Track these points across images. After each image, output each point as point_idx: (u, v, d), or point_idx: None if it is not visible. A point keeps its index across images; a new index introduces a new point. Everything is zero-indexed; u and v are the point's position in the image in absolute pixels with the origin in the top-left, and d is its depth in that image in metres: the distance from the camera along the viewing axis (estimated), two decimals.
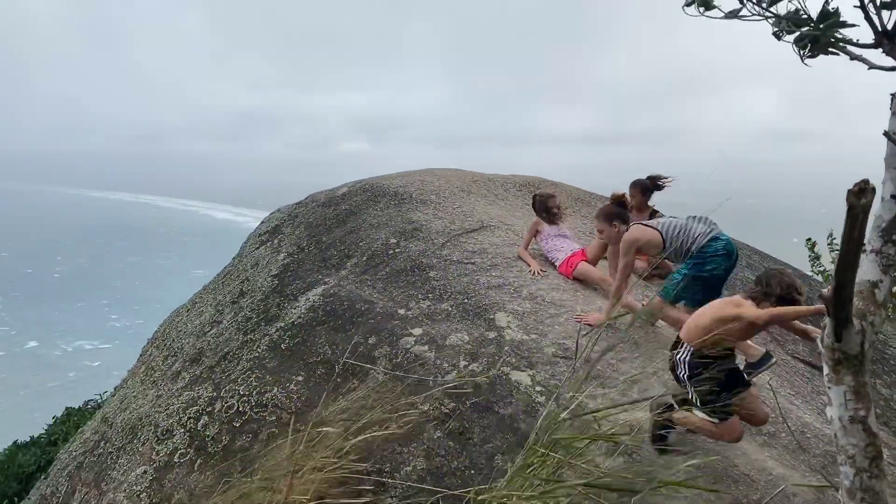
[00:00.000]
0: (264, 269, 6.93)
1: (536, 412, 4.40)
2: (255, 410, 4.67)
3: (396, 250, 6.50)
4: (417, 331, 5.19)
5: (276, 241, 7.57)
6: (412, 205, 7.52)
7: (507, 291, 5.68)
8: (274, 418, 4.58)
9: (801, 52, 1.93)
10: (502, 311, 5.35)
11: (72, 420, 14.65)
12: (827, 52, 1.90)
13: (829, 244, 10.32)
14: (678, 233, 4.95)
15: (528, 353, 4.85)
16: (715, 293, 4.84)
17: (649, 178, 6.88)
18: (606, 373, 4.81)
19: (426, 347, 4.98)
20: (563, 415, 3.75)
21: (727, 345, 3.82)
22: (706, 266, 4.80)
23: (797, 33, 1.91)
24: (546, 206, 6.66)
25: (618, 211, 5.49)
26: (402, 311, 5.49)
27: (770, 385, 4.64)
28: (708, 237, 4.85)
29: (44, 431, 14.73)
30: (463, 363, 4.78)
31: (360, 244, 6.81)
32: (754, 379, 4.75)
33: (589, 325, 5.30)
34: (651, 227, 5.06)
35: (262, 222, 8.51)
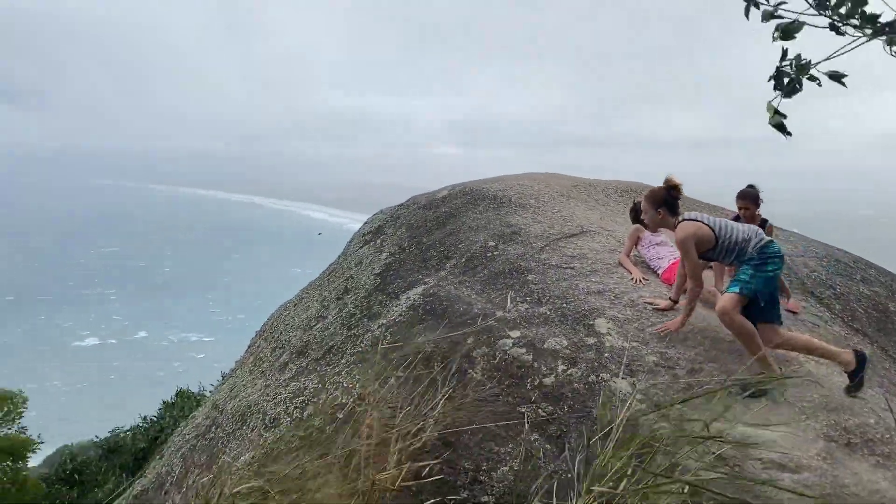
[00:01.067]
0: (367, 267, 7.15)
1: (637, 420, 4.37)
2: (359, 403, 4.84)
3: (495, 253, 6.57)
4: (515, 333, 5.24)
5: (378, 241, 7.79)
6: (511, 208, 7.57)
7: (607, 297, 5.64)
8: (376, 412, 4.73)
9: None
10: (602, 317, 5.32)
11: (177, 407, 15.57)
12: None
13: None
14: (731, 231, 4.87)
15: (628, 361, 4.81)
16: (774, 298, 4.81)
17: (752, 187, 6.63)
18: (710, 384, 4.71)
19: (524, 350, 5.02)
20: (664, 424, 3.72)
21: None
22: (767, 266, 4.71)
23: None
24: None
25: (666, 196, 5.24)
26: (500, 313, 5.55)
27: (886, 398, 4.42)
28: (766, 238, 4.79)
29: (153, 417, 15.67)
30: (561, 367, 4.79)
31: (460, 246, 6.92)
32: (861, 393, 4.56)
33: (671, 331, 5.18)
34: (702, 222, 4.94)
35: (366, 223, 8.77)
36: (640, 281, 6.01)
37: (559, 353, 4.93)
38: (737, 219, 6.58)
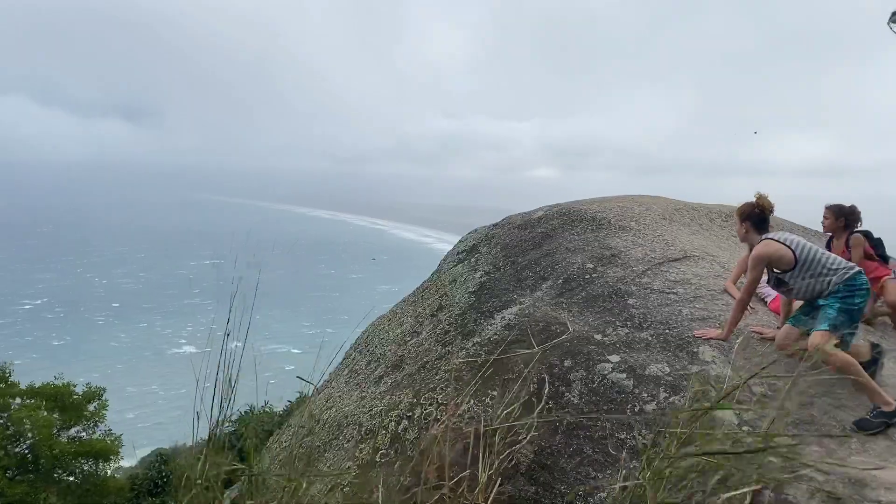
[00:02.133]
0: (462, 285, 7.14)
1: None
2: (452, 420, 4.81)
3: (593, 275, 6.44)
4: (615, 358, 5.10)
5: (473, 260, 7.78)
6: (610, 230, 7.42)
7: (711, 325, 5.42)
8: (470, 429, 4.68)
9: None
10: (707, 344, 5.12)
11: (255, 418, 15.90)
12: None
13: None
14: (814, 257, 4.83)
15: (733, 391, 4.59)
16: (854, 329, 4.77)
17: (851, 206, 6.66)
18: (822, 419, 4.44)
19: (624, 375, 4.88)
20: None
21: None
22: (855, 299, 4.66)
23: None
24: None
25: (751, 211, 5.32)
26: (598, 337, 5.42)
27: None
28: (854, 269, 4.73)
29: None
30: (663, 395, 4.62)
31: (556, 267, 6.82)
32: None
33: (711, 338, 5.17)
34: (783, 243, 4.93)
35: (460, 241, 8.79)
36: (747, 309, 5.75)
37: (661, 380, 4.76)
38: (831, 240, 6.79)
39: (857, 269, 4.77)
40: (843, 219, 6.58)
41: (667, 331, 5.37)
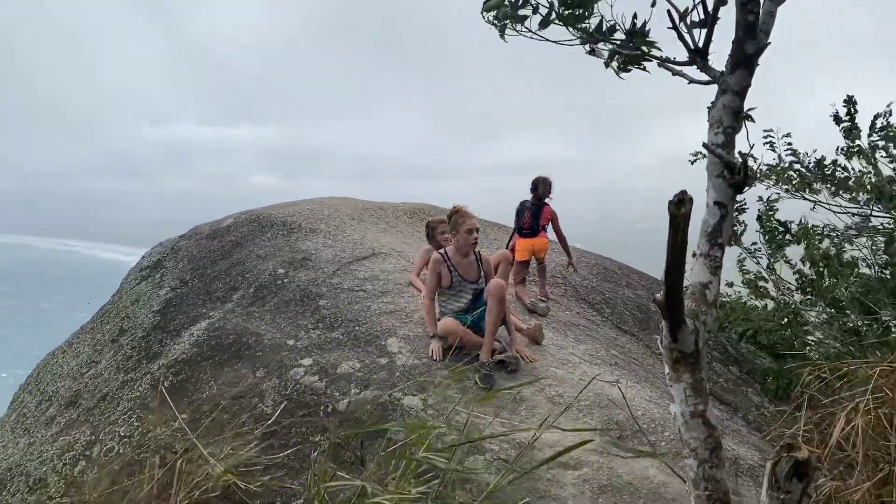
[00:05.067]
0: (145, 304, 6.66)
1: (429, 436, 4.42)
2: (137, 452, 4.46)
3: (285, 280, 6.40)
4: (307, 361, 5.12)
5: (157, 276, 7.29)
6: (301, 234, 7.43)
7: (398, 317, 5.69)
8: (157, 459, 4.37)
9: (616, 66, 2.08)
10: (394, 336, 5.36)
11: None
12: (639, 65, 2.06)
13: None
14: None
15: (419, 378, 4.87)
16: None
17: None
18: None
19: (316, 377, 4.92)
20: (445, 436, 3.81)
21: None
22: None
23: (610, 49, 2.05)
24: (435, 234, 6.69)
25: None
26: (291, 342, 5.40)
27: (620, 387, 4.83)
28: None
29: None
30: (354, 391, 4.74)
31: (247, 276, 6.67)
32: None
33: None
34: None
35: (144, 257, 8.18)
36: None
37: (352, 377, 4.88)
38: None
39: None
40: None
41: (357, 328, 5.52)
